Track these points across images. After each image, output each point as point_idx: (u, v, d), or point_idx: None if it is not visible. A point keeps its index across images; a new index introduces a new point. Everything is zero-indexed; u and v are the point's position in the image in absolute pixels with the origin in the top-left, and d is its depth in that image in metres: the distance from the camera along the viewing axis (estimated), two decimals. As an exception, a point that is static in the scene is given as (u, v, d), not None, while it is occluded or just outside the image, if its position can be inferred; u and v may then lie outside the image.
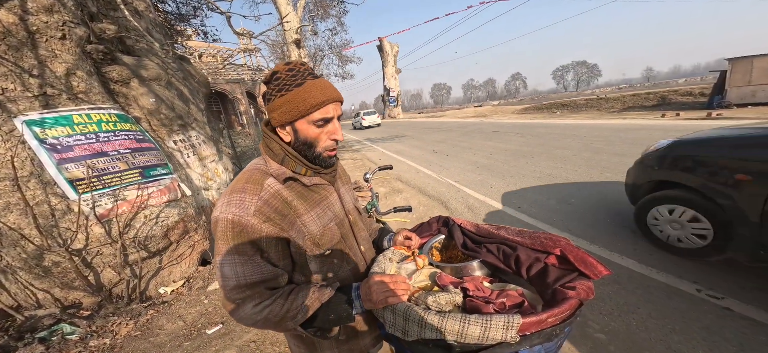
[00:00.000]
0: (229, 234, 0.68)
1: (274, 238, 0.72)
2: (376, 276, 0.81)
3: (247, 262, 0.69)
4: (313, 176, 0.82)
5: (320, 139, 0.76)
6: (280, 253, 0.75)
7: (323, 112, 0.73)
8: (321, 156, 0.78)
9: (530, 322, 0.69)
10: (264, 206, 0.70)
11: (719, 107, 11.07)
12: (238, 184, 0.72)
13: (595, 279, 0.80)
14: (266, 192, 0.72)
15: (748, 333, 1.57)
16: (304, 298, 0.74)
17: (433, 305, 0.78)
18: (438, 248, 1.24)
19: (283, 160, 0.77)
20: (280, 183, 0.75)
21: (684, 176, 2.21)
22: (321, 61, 18.36)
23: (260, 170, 0.76)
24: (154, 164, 2.66)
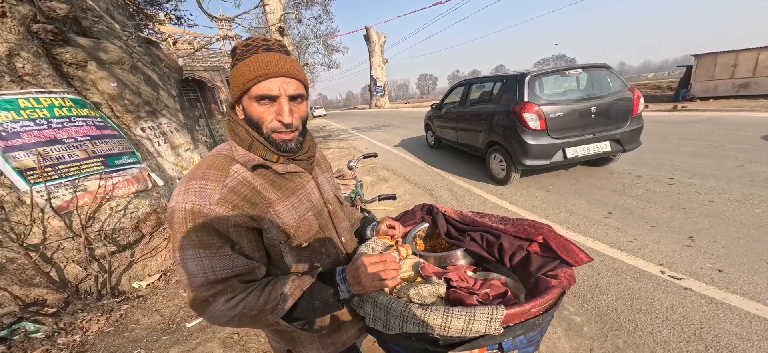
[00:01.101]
0: (189, 226, 0.60)
1: (244, 229, 0.65)
2: (363, 257, 0.74)
3: (216, 255, 0.62)
4: (287, 163, 0.74)
5: (264, 119, 0.66)
6: (253, 245, 0.68)
7: (263, 88, 0.63)
8: (271, 138, 0.68)
9: (514, 313, 0.66)
10: (230, 194, 0.63)
11: (684, 100, 11.58)
12: (197, 171, 0.64)
13: (577, 266, 0.78)
14: (232, 180, 0.64)
15: (706, 310, 1.64)
16: (283, 287, 0.68)
17: (416, 297, 0.74)
18: (421, 237, 1.20)
19: (250, 145, 0.69)
20: (248, 171, 0.68)
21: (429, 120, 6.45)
22: (306, 50, 17.72)
23: (225, 156, 0.68)
24: (118, 152, 2.47)
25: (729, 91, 11.26)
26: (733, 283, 1.78)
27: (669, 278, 1.92)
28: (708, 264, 1.98)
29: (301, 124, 0.73)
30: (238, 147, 0.69)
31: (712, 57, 11.69)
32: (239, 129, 0.69)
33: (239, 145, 0.70)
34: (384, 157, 6.66)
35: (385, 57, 34.35)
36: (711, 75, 11.67)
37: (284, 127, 0.68)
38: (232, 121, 0.70)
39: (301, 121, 0.73)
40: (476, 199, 3.65)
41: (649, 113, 9.05)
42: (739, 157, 3.86)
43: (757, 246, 2.08)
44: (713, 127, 5.84)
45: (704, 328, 1.54)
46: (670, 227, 2.50)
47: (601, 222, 2.73)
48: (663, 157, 4.27)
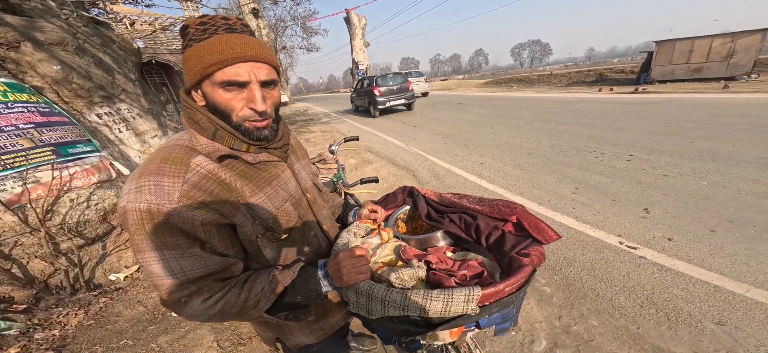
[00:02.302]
0: (148, 228, 0.53)
1: (214, 226, 0.59)
2: (343, 251, 0.73)
3: (184, 256, 0.56)
4: (259, 153, 0.68)
5: (233, 107, 0.59)
6: (227, 241, 0.63)
7: (230, 73, 0.56)
8: (242, 127, 0.62)
9: (489, 293, 0.66)
10: (193, 190, 0.56)
11: (645, 83, 12.10)
12: (150, 165, 0.56)
13: (547, 244, 0.79)
14: (195, 174, 0.57)
15: (657, 277, 1.78)
16: (264, 283, 0.65)
17: (397, 281, 0.73)
18: (403, 219, 1.19)
19: (214, 134, 0.61)
20: (213, 163, 0.61)
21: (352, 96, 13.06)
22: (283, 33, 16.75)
23: (184, 147, 0.60)
24: (72, 140, 2.26)
25: (685, 74, 11.87)
26: (681, 251, 1.93)
27: (626, 248, 2.05)
28: (660, 234, 2.13)
29: (275, 110, 0.67)
30: (200, 136, 0.62)
31: (671, 43, 12.19)
32: (199, 117, 0.61)
33: (200, 135, 0.62)
34: (367, 140, 6.57)
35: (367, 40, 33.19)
36: (669, 60, 12.21)
37: (258, 115, 0.61)
38: (190, 108, 0.62)
39: (275, 107, 0.66)
40: (457, 179, 3.70)
41: (615, 95, 9.41)
42: (691, 135, 4.11)
43: (702, 215, 2.26)
44: (670, 108, 6.17)
45: (655, 293, 1.67)
46: (628, 200, 2.65)
47: (568, 198, 2.85)
48: (624, 136, 4.48)
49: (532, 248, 0.77)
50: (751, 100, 6.19)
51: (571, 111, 7.00)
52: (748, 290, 1.56)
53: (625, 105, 7.15)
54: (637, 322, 1.54)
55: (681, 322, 1.49)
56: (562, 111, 7.13)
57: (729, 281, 1.64)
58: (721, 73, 11.05)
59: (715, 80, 10.81)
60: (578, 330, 1.57)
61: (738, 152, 3.28)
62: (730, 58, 10.99)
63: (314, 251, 0.84)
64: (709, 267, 1.76)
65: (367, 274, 0.74)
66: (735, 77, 10.69)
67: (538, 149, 4.37)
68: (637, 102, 7.47)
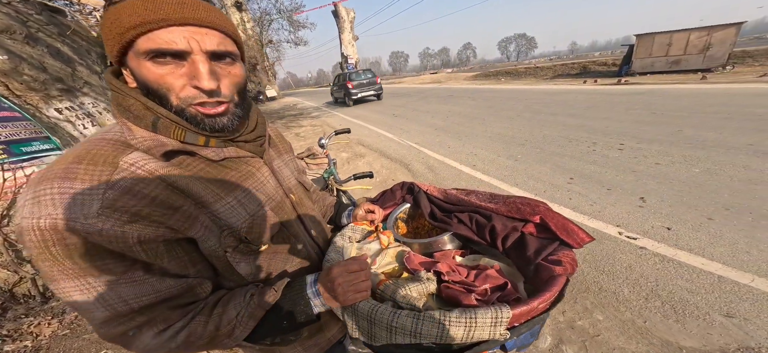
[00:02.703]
0: (56, 251, 0.38)
1: (161, 243, 0.44)
2: (337, 266, 0.58)
3: (120, 283, 0.41)
4: (223, 147, 0.53)
5: (170, 86, 0.43)
6: (183, 259, 0.48)
7: (157, 39, 0.40)
8: (186, 113, 0.46)
9: (520, 313, 0.54)
10: (124, 198, 0.40)
11: (627, 75, 12.31)
12: (55, 167, 0.39)
13: (578, 247, 0.67)
14: (126, 176, 0.41)
15: (660, 268, 1.71)
16: (240, 307, 0.51)
17: (404, 300, 0.59)
18: (403, 219, 1.05)
19: (155, 124, 0.45)
20: (156, 161, 0.45)
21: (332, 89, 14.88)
22: (269, 26, 16.14)
23: (111, 141, 0.44)
24: (26, 138, 2.01)
25: (664, 66, 12.14)
26: (681, 240, 1.88)
27: (626, 238, 1.99)
28: (658, 223, 2.08)
29: (237, 93, 0.51)
30: (135, 127, 0.45)
31: (650, 37, 12.42)
32: (130, 101, 0.45)
33: (135, 125, 0.45)
34: (358, 133, 6.38)
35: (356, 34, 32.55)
36: (649, 53, 12.46)
37: (205, 95, 0.45)
38: (118, 90, 0.46)
39: (236, 88, 0.50)
40: (451, 171, 3.59)
41: (599, 87, 9.51)
42: (678, 123, 4.13)
43: (698, 203, 2.22)
44: (653, 98, 6.23)
45: (659, 285, 1.60)
46: (623, 189, 2.59)
47: (564, 188, 2.78)
48: (613, 125, 4.47)
49: (562, 253, 0.65)
50: (730, 89, 6.33)
51: (559, 102, 7.01)
52: (752, 280, 1.51)
53: (611, 96, 7.20)
54: (644, 316, 1.47)
55: (688, 315, 1.43)
56: (551, 102, 7.12)
57: (732, 271, 1.59)
58: (699, 65, 11.35)
59: (692, 72, 11.09)
60: (583, 325, 1.49)
61: (725, 139, 3.29)
62: (707, 50, 11.28)
63: (302, 262, 0.69)
64: (710, 257, 1.71)
65: (368, 292, 0.59)
66: (711, 69, 10.98)
67: (530, 140, 4.31)
68: (621, 93, 7.54)
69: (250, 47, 15.17)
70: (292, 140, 6.67)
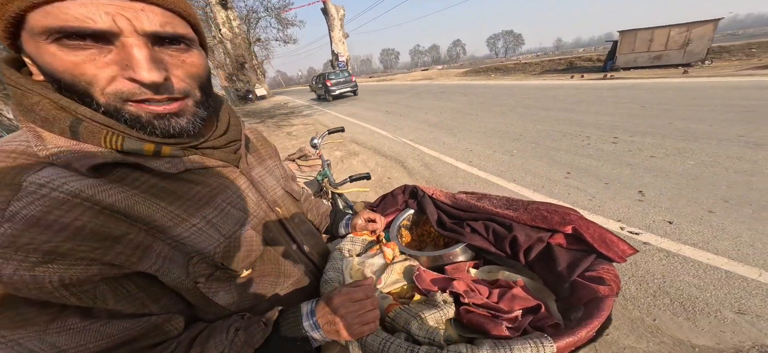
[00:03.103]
0: None
1: (100, 282, 0.33)
2: (339, 294, 0.48)
3: (49, 332, 0.31)
4: (182, 156, 0.41)
5: (89, 78, 0.32)
6: (139, 296, 0.37)
7: (54, 13, 0.29)
8: (124, 113, 0.34)
9: (565, 345, 0.44)
10: (29, 233, 0.28)
11: (611, 70, 12.49)
12: None
13: (621, 262, 0.57)
14: (34, 201, 0.29)
15: (665, 264, 1.66)
16: (222, 347, 0.40)
17: (421, 334, 0.48)
18: (407, 226, 0.94)
19: (74, 129, 0.33)
20: (80, 178, 0.33)
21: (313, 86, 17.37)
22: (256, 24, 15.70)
23: (11, 154, 0.32)
24: None
25: (646, 61, 12.39)
26: (684, 234, 1.83)
27: (628, 234, 1.93)
28: (659, 217, 2.03)
29: (198, 87, 0.39)
30: (47, 133, 0.33)
31: (633, 33, 12.65)
32: (35, 99, 0.33)
33: (47, 130, 0.33)
34: (351, 130, 6.23)
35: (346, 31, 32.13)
36: (632, 48, 12.69)
37: (149, 91, 0.33)
38: (15, 85, 0.33)
39: (196, 81, 0.39)
40: (448, 168, 3.50)
41: (587, 81, 9.59)
42: (667, 116, 4.14)
43: (696, 196, 2.18)
44: (640, 92, 6.28)
45: (667, 281, 1.54)
46: (621, 183, 2.55)
47: (562, 182, 2.72)
48: (605, 119, 4.46)
49: (602, 268, 0.55)
50: (711, 83, 6.44)
51: (550, 97, 7.01)
52: (760, 274, 1.47)
53: (599, 90, 7.24)
54: (653, 314, 1.41)
55: (699, 312, 1.37)
56: (542, 97, 7.12)
57: (739, 265, 1.54)
58: (679, 60, 11.61)
59: (674, 67, 11.32)
60: (591, 326, 1.41)
61: (716, 131, 3.30)
62: (687, 46, 11.54)
63: (295, 283, 0.58)
64: (715, 251, 1.66)
65: (376, 323, 0.49)
66: (691, 63, 11.24)
67: (524, 134, 4.25)
68: (608, 87, 7.60)
69: (238, 45, 14.72)
70: (284, 140, 6.47)
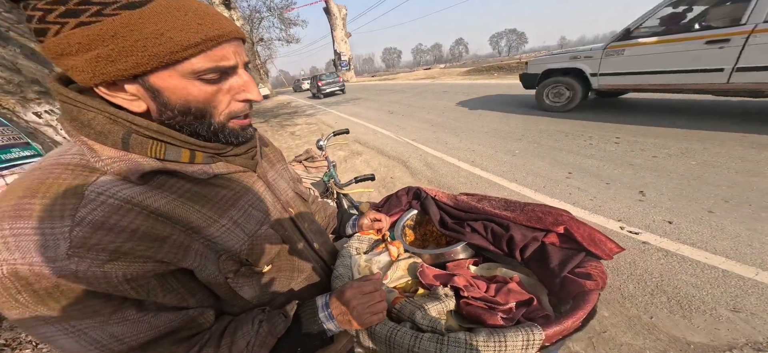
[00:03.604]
0: (24, 299, 0.31)
1: (152, 278, 0.38)
2: (350, 288, 0.54)
3: (110, 323, 0.36)
4: (211, 162, 0.46)
5: (217, 104, 0.41)
6: (179, 292, 0.42)
7: (216, 56, 0.38)
8: (226, 129, 0.44)
9: (553, 333, 0.49)
10: (98, 234, 0.34)
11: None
12: (4, 205, 0.33)
13: (608, 259, 0.63)
14: (96, 208, 0.34)
15: (664, 263, 1.70)
16: (249, 336, 0.46)
17: (424, 322, 0.54)
18: (411, 226, 1.00)
19: (126, 141, 0.38)
20: (131, 186, 0.38)
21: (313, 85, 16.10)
22: (259, 24, 15.87)
23: (71, 167, 0.36)
24: (4, 144, 1.93)
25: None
26: (683, 234, 1.86)
27: (628, 233, 1.97)
28: (659, 217, 2.06)
29: None
30: (99, 146, 0.38)
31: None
32: (91, 114, 0.37)
33: (100, 143, 0.38)
34: (355, 131, 6.29)
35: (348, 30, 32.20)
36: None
37: (249, 109, 0.45)
38: (71, 102, 0.37)
39: None
40: (450, 168, 3.54)
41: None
42: (670, 116, 4.14)
43: (698, 196, 2.21)
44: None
45: (664, 280, 1.58)
46: (622, 183, 2.58)
47: (563, 183, 2.76)
48: (607, 118, 4.46)
49: (590, 265, 0.60)
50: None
51: (554, 96, 7.00)
52: (756, 273, 1.50)
53: (604, 89, 7.20)
54: (650, 311, 1.45)
55: (694, 310, 1.41)
56: (545, 96, 7.11)
57: (736, 264, 1.58)
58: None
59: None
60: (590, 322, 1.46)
61: (720, 131, 3.30)
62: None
63: (308, 278, 0.64)
64: (714, 251, 1.69)
65: (384, 313, 0.55)
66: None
67: (526, 135, 4.28)
68: (614, 85, 7.55)
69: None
70: (288, 139, 6.55)
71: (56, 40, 0.32)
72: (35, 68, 2.31)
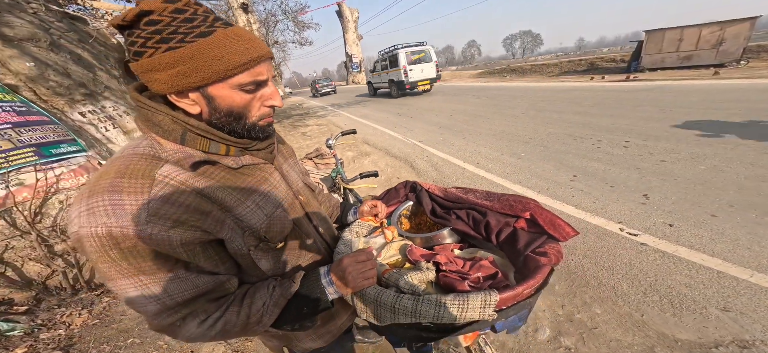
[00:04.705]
0: (114, 254, 0.44)
1: (198, 244, 0.51)
2: (348, 257, 0.66)
3: (166, 280, 0.48)
4: (241, 155, 0.59)
5: (251, 108, 0.55)
6: (215, 259, 0.55)
7: (255, 73, 0.51)
8: (256, 127, 0.57)
9: (507, 297, 0.60)
10: (165, 206, 0.46)
11: (636, 71, 12.05)
12: (102, 181, 0.45)
13: (564, 241, 0.73)
14: (163, 187, 0.47)
15: (660, 263, 1.74)
16: (265, 297, 0.58)
17: (406, 286, 0.66)
18: (406, 215, 1.12)
19: (183, 137, 0.52)
20: (186, 171, 0.50)
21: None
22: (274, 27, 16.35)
23: (145, 156, 0.49)
24: (55, 140, 2.14)
25: (674, 62, 11.83)
26: (682, 236, 1.90)
27: (627, 235, 2.01)
28: (660, 220, 2.10)
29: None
30: (164, 141, 0.51)
31: (661, 32, 12.12)
32: (160, 117, 0.50)
33: (164, 138, 0.51)
34: (364, 132, 6.46)
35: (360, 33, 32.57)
36: (659, 49, 12.15)
37: (273, 112, 0.59)
38: (146, 107, 0.51)
39: None
40: (455, 169, 3.63)
41: (607, 83, 9.36)
42: (686, 119, 4.08)
43: (702, 200, 2.22)
44: (663, 94, 6.13)
45: (658, 280, 1.63)
46: (627, 186, 2.61)
47: (567, 185, 2.80)
48: (619, 122, 4.43)
49: (549, 246, 0.71)
50: (743, 85, 6.18)
51: (565, 99, 6.95)
52: (751, 275, 1.53)
53: (618, 92, 7.10)
54: (641, 309, 1.51)
55: (685, 309, 1.46)
56: (556, 99, 7.07)
57: (732, 266, 1.61)
58: (711, 61, 11.02)
59: (705, 67, 10.79)
60: (582, 318, 1.54)
61: (734, 136, 3.25)
62: (720, 45, 10.94)
63: (313, 256, 0.76)
64: (711, 253, 1.73)
65: (374, 279, 0.67)
66: (724, 64, 10.67)
67: (534, 137, 4.31)
68: (629, 89, 7.43)
69: (258, 48, 15.33)
70: (299, 140, 6.79)
71: (150, 60, 0.45)
72: (82, 73, 2.59)
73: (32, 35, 2.32)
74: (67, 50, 2.56)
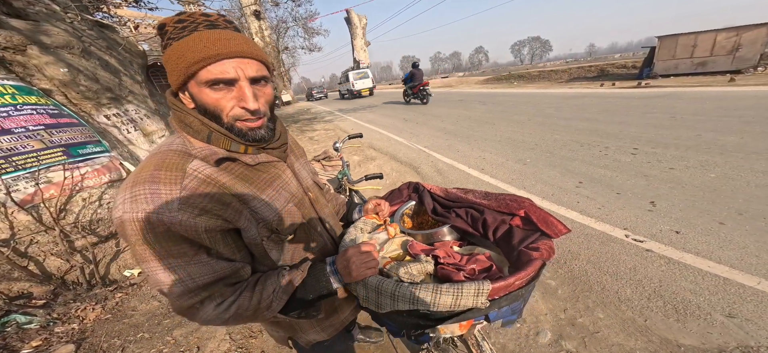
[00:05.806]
0: (149, 237, 0.51)
1: (218, 232, 0.57)
2: (351, 248, 0.71)
3: (191, 263, 0.54)
4: (257, 154, 0.65)
5: (223, 107, 0.56)
6: (232, 246, 0.61)
7: (214, 71, 0.52)
8: (235, 128, 0.58)
9: (499, 287, 0.65)
10: (193, 197, 0.53)
11: (648, 77, 11.89)
12: (143, 173, 0.52)
13: (556, 238, 0.77)
14: (193, 179, 0.54)
15: (665, 269, 1.74)
16: (275, 284, 0.63)
17: (405, 276, 0.71)
18: (409, 215, 1.17)
19: (209, 137, 0.58)
20: (211, 166, 0.57)
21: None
22: (285, 33, 16.87)
23: (178, 152, 0.57)
24: (82, 141, 2.29)
25: (688, 68, 11.63)
26: (689, 243, 1.89)
27: (632, 241, 2.01)
28: (667, 227, 2.09)
29: (269, 109, 0.64)
30: (193, 139, 0.58)
31: (673, 38, 11.95)
32: (191, 119, 0.58)
33: (194, 138, 0.58)
34: (370, 137, 6.55)
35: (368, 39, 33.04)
36: (672, 54, 11.98)
37: (250, 114, 0.58)
38: (179, 110, 0.59)
39: (268, 105, 0.63)
40: (460, 174, 3.67)
41: (617, 90, 9.27)
42: (697, 128, 4.02)
43: (710, 208, 2.20)
44: (674, 101, 6.05)
45: (663, 286, 1.63)
46: (634, 193, 2.60)
47: (572, 191, 2.80)
48: (628, 130, 4.40)
49: (541, 242, 0.75)
50: (758, 92, 6.05)
51: (573, 106, 6.91)
52: (759, 282, 1.52)
53: (628, 99, 7.03)
54: (644, 314, 1.51)
55: (690, 315, 1.46)
56: (564, 106, 7.04)
57: (739, 273, 1.60)
58: (727, 67, 10.80)
59: (720, 74, 10.58)
60: (584, 322, 1.54)
61: (746, 144, 3.21)
62: (736, 51, 10.72)
63: (320, 249, 0.82)
64: (718, 260, 1.72)
65: (376, 269, 0.72)
66: (741, 70, 10.44)
67: (540, 144, 4.31)
68: (640, 96, 7.34)
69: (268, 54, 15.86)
70: (307, 143, 6.92)
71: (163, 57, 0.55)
72: (109, 78, 2.76)
73: (67, 43, 2.49)
74: (96, 57, 2.74)
